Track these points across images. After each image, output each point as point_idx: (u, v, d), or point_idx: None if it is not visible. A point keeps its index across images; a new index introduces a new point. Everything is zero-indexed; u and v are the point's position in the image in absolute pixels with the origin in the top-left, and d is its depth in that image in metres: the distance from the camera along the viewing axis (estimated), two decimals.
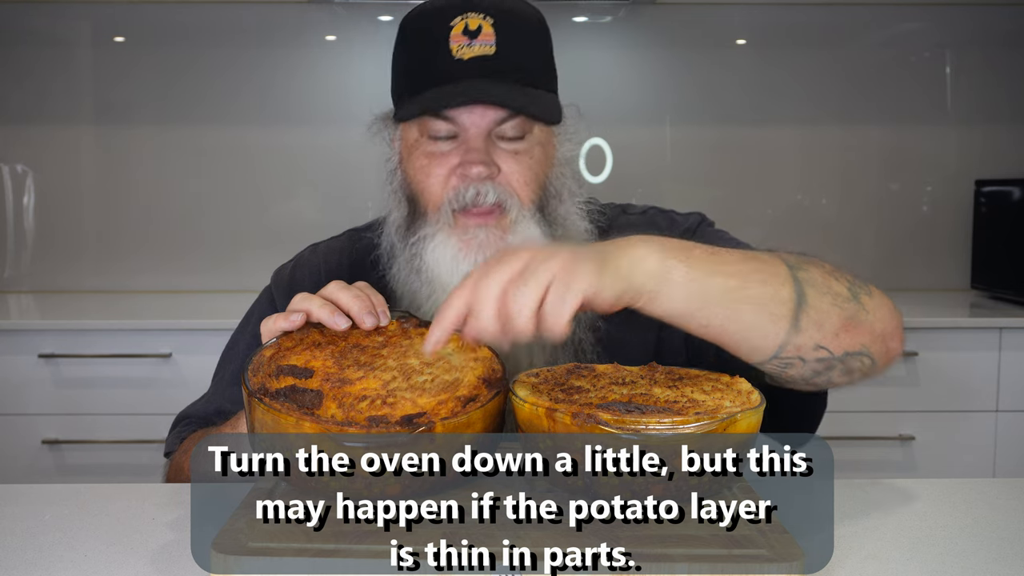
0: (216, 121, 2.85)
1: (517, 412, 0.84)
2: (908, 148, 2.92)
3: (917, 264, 2.93)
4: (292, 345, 0.91)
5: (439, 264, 1.09)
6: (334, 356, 0.90)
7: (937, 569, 0.79)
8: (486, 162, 1.06)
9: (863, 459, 2.36)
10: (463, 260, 1.08)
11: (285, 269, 1.27)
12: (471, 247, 1.08)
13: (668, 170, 2.92)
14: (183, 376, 2.31)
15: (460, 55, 1.05)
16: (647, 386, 0.89)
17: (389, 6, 2.82)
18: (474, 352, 0.92)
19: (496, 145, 1.08)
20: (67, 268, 2.87)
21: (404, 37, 1.12)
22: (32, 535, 0.87)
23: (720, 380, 0.91)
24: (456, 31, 1.06)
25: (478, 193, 1.06)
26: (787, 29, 2.88)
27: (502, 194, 1.07)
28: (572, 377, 0.92)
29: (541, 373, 0.92)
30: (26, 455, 2.33)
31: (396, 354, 0.92)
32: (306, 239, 1.34)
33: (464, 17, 1.06)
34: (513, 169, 1.08)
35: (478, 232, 1.07)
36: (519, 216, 1.08)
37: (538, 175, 1.10)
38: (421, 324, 0.97)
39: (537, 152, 1.10)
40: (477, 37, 1.06)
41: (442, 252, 1.08)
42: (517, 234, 1.08)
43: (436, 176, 1.08)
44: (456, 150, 1.08)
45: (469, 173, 1.05)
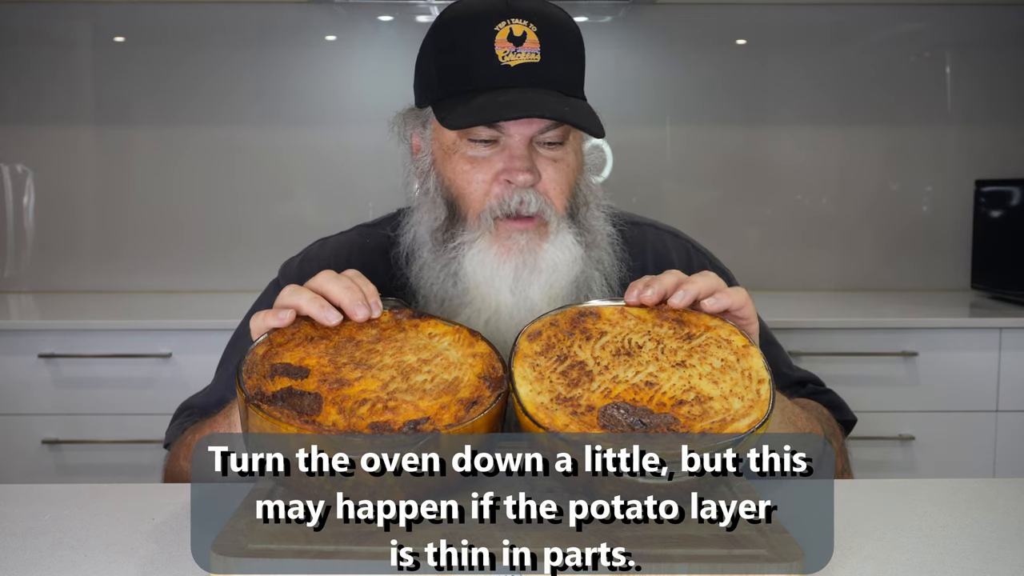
0: (216, 121, 2.85)
1: (518, 415, 0.84)
2: (908, 148, 2.92)
3: (917, 264, 2.92)
4: (284, 340, 0.90)
5: (477, 272, 1.09)
6: (328, 353, 0.89)
7: (937, 569, 0.79)
8: (531, 169, 1.06)
9: (863, 459, 2.36)
10: (502, 266, 1.08)
11: (293, 262, 1.27)
12: (511, 252, 1.08)
13: (668, 170, 2.92)
14: (183, 376, 2.31)
15: (507, 61, 1.05)
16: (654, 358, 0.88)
17: (389, 6, 2.82)
18: (471, 347, 0.91)
19: (537, 152, 1.08)
20: (67, 268, 2.87)
21: (442, 38, 1.11)
22: (32, 535, 0.87)
23: (732, 345, 0.89)
24: (501, 36, 1.06)
25: (522, 201, 1.06)
26: (787, 29, 2.88)
27: (542, 204, 1.08)
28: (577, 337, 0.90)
29: (544, 331, 0.90)
30: (26, 455, 2.33)
31: (392, 349, 0.91)
32: (306, 239, 1.33)
33: (508, 23, 1.06)
34: (552, 177, 1.09)
35: (519, 238, 1.08)
36: (557, 225, 1.09)
37: (571, 182, 1.11)
38: (415, 315, 0.96)
39: (571, 159, 1.11)
40: (522, 44, 1.06)
41: (481, 259, 1.09)
42: (554, 243, 1.09)
43: (479, 182, 1.08)
44: (499, 156, 1.08)
45: (515, 180, 1.06)
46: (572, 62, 1.10)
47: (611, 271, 1.16)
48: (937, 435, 2.38)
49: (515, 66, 1.05)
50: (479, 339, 0.92)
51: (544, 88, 1.06)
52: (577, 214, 1.12)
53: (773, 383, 0.85)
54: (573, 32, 1.12)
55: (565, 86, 1.08)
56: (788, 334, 2.31)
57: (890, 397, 2.36)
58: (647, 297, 0.93)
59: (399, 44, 2.81)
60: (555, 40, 1.07)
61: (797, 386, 1.24)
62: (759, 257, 2.91)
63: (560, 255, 1.09)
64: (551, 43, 1.07)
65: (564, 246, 1.09)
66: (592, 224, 1.14)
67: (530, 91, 1.05)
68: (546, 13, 1.09)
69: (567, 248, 1.09)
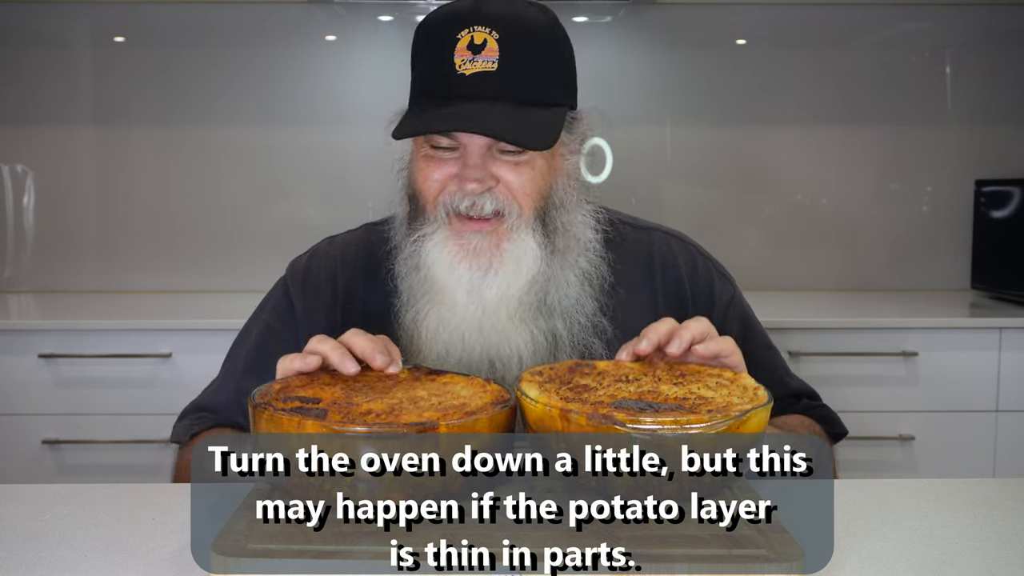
0: (216, 121, 2.85)
1: (528, 412, 0.84)
2: (908, 148, 2.92)
3: (917, 264, 2.92)
4: (301, 384, 0.92)
5: (436, 265, 1.11)
6: (343, 390, 0.91)
7: (937, 569, 0.79)
8: (481, 179, 1.08)
9: (863, 459, 2.36)
10: (459, 264, 1.10)
11: (301, 260, 1.27)
12: (467, 252, 1.10)
13: (668, 170, 2.92)
14: (183, 376, 2.31)
15: (462, 70, 1.07)
16: (653, 383, 0.90)
17: (389, 6, 2.82)
18: (483, 388, 0.93)
19: (496, 158, 1.09)
20: (67, 268, 2.86)
21: (416, 44, 1.14)
22: (32, 535, 0.87)
23: (723, 376, 0.92)
24: (461, 44, 1.07)
25: (474, 204, 1.08)
26: (787, 29, 2.88)
27: (500, 202, 1.09)
28: (576, 375, 0.92)
29: (544, 371, 0.93)
30: (26, 455, 2.32)
31: (404, 389, 0.93)
32: (305, 238, 1.33)
33: (471, 31, 1.07)
34: (512, 180, 1.09)
35: (473, 238, 1.09)
36: (517, 223, 1.10)
37: (540, 186, 1.11)
38: (432, 372, 0.98)
39: (539, 163, 1.11)
40: (481, 52, 1.07)
41: (439, 253, 1.10)
42: (514, 242, 1.10)
43: (433, 180, 1.10)
44: (456, 161, 1.10)
45: (464, 189, 1.08)
46: (536, 69, 1.10)
47: (592, 272, 1.16)
48: (937, 435, 2.38)
49: (469, 75, 1.07)
50: (491, 383, 0.94)
51: (495, 99, 1.06)
52: (547, 216, 1.12)
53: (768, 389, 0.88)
54: (545, 35, 1.11)
55: (523, 95, 1.08)
56: (788, 334, 2.31)
57: (890, 397, 2.36)
58: (641, 348, 0.96)
59: (399, 44, 2.80)
60: (518, 47, 1.08)
61: (791, 399, 1.24)
62: (759, 257, 2.91)
63: (519, 254, 1.10)
64: (513, 51, 1.07)
65: (524, 245, 1.10)
66: (567, 227, 1.14)
67: (479, 103, 1.06)
68: (515, 19, 1.09)
69: (527, 247, 1.10)
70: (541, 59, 1.11)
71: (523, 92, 1.08)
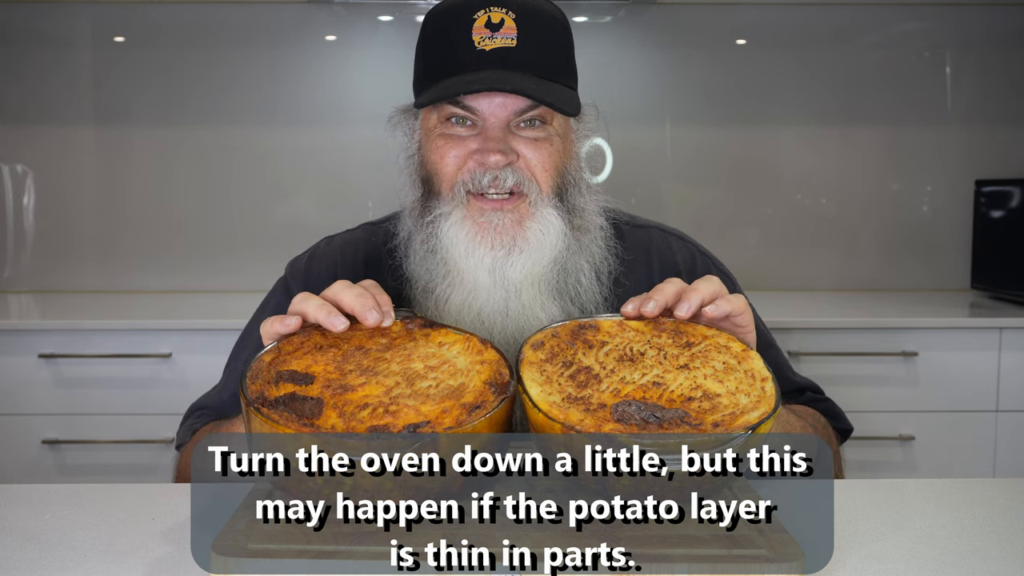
0: (216, 121, 2.85)
1: (529, 413, 0.84)
2: (908, 148, 2.92)
3: (917, 264, 2.92)
4: (293, 349, 0.90)
5: (455, 245, 1.09)
6: (335, 361, 0.89)
7: (937, 569, 0.79)
8: (504, 151, 1.07)
9: (863, 459, 2.36)
10: (478, 244, 1.08)
11: (301, 260, 1.27)
12: (486, 232, 1.08)
13: (668, 170, 2.92)
14: (183, 376, 2.31)
15: (482, 46, 1.07)
16: (658, 363, 0.88)
17: (389, 6, 2.82)
18: (480, 355, 0.91)
19: (515, 134, 1.09)
20: (67, 268, 2.86)
21: (427, 31, 1.14)
22: (32, 535, 0.87)
23: (731, 349, 0.90)
24: (479, 24, 1.08)
25: (496, 178, 1.07)
26: (787, 29, 2.88)
27: (520, 178, 1.08)
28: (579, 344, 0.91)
29: (546, 341, 0.91)
30: (26, 455, 2.32)
31: (400, 357, 0.91)
32: (305, 239, 1.33)
33: (487, 11, 1.08)
34: (532, 155, 1.09)
35: (493, 217, 1.08)
36: (538, 200, 1.09)
37: (557, 163, 1.11)
38: (426, 324, 0.96)
39: (557, 142, 1.11)
40: (499, 30, 1.08)
41: (456, 233, 1.09)
42: (536, 219, 1.09)
43: (452, 158, 1.09)
44: (475, 137, 1.09)
45: (487, 161, 1.07)
46: (552, 49, 1.11)
47: (601, 264, 1.16)
48: (937, 435, 2.38)
49: (490, 50, 1.07)
50: (489, 347, 0.92)
51: (518, 71, 1.07)
52: (565, 195, 1.12)
53: (776, 381, 0.85)
54: (556, 21, 1.13)
55: (543, 71, 1.09)
56: (788, 334, 2.31)
57: (890, 397, 2.36)
58: (648, 310, 0.94)
59: (399, 44, 2.81)
60: (534, 27, 1.09)
61: (796, 393, 1.24)
62: (759, 257, 2.91)
63: (542, 231, 1.09)
64: (530, 30, 1.08)
65: (547, 221, 1.09)
66: (582, 207, 1.14)
67: (501, 71, 1.06)
68: (527, 3, 1.10)
69: (550, 223, 1.09)
70: (556, 43, 1.12)
71: (542, 68, 1.09)
